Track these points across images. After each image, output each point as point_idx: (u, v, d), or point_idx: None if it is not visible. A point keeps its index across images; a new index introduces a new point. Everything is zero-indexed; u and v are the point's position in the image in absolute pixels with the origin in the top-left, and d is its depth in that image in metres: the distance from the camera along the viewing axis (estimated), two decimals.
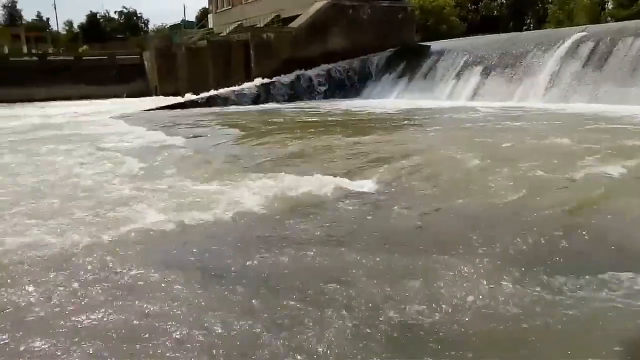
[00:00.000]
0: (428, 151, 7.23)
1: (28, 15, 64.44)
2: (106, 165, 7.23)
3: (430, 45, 21.82)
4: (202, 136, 10.82)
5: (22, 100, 24.08)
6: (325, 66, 21.52)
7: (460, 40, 23.31)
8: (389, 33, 22.59)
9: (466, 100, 16.55)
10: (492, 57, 17.52)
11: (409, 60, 20.87)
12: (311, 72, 21.38)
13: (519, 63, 16.38)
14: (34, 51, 36.74)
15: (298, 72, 21.13)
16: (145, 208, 4.74)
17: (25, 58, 30.83)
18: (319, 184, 5.40)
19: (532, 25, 40.01)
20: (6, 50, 36.79)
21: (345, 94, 21.26)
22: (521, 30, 34.15)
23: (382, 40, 22.27)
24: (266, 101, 20.04)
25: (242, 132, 11.12)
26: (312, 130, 10.90)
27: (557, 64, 15.16)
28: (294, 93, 20.90)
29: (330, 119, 13.40)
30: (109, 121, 14.32)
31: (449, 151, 6.98)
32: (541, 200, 4.57)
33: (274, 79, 20.68)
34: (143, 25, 61.21)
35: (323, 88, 21.47)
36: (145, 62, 28.50)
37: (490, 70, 17.11)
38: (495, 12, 42.20)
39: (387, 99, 19.48)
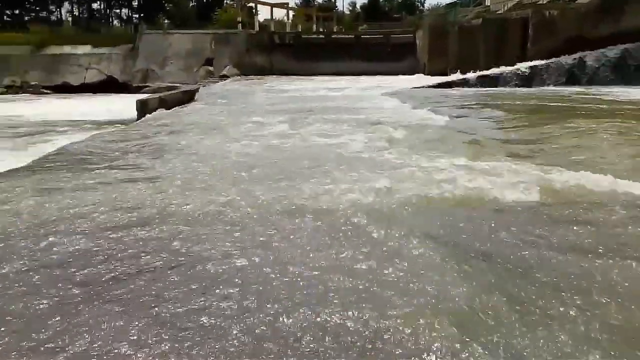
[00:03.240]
0: None
1: None
2: (369, 137, 7.72)
3: None
4: (465, 116, 10.70)
5: (311, 74, 27.01)
6: (615, 48, 18.87)
7: None
8: None
9: None
10: None
11: None
12: (596, 54, 18.99)
13: None
14: (321, 30, 40.91)
15: (580, 53, 19.03)
16: (400, 181, 4.94)
17: (314, 36, 34.51)
18: (593, 182, 4.82)
19: None
20: (299, 28, 41.82)
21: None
22: None
23: None
24: (540, 84, 18.65)
25: (508, 115, 10.62)
26: (590, 119, 9.78)
27: None
28: (574, 76, 18.90)
29: (616, 107, 11.81)
30: (380, 97, 15.20)
31: None
32: None
33: (551, 60, 19.06)
34: (419, 4, 62.67)
35: (610, 73, 18.90)
36: (417, 41, 29.16)
37: None
38: None
39: None
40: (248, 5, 41.02)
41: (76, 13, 60.28)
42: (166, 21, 53.76)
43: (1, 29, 46.52)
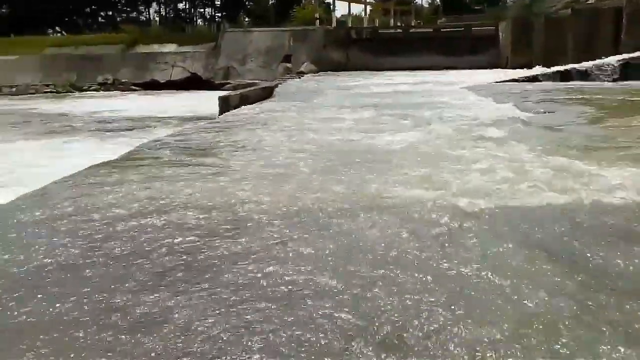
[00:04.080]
0: None
1: None
2: (448, 133, 7.56)
3: None
4: (551, 112, 10.24)
5: (388, 69, 26.65)
6: None
7: None
8: None
9: None
10: None
11: None
12: None
13: None
14: (399, 24, 40.48)
15: None
16: (490, 180, 4.80)
17: (391, 31, 34.21)
18: None
19: None
20: (377, 23, 41.61)
21: None
22: None
23: None
24: (635, 78, 17.39)
25: (599, 112, 10.03)
26: None
27: None
28: None
29: None
30: (459, 91, 14.83)
31: None
32: None
33: None
34: None
35: None
36: (500, 34, 28.14)
37: None
38: None
39: None
40: (326, 1, 41.31)
41: (163, 13, 63.27)
42: (246, 19, 55.24)
43: (96, 30, 49.72)
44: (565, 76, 18.02)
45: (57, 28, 57.36)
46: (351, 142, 7.11)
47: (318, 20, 35.17)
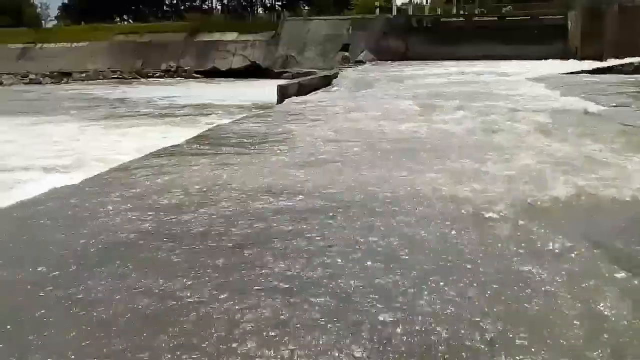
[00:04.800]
0: None
1: None
2: (511, 124, 7.31)
3: None
4: (624, 106, 9.72)
5: (448, 58, 26.03)
6: None
7: None
8: None
9: None
10: None
11: None
12: None
13: None
14: (461, 12, 39.44)
15: None
16: (547, 174, 4.62)
17: (453, 19, 33.43)
18: None
19: None
20: (438, 11, 40.72)
21: None
22: None
23: None
24: None
25: None
26: None
27: None
28: None
29: None
30: (524, 82, 14.33)
31: None
32: None
33: None
34: None
35: None
36: (569, 23, 26.95)
37: None
38: None
39: None
40: None
41: (225, 1, 64.37)
42: (306, 8, 55.40)
43: (161, 18, 51.26)
44: (639, 69, 17.09)
45: (124, 16, 59.57)
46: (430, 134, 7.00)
47: (378, 9, 34.81)
